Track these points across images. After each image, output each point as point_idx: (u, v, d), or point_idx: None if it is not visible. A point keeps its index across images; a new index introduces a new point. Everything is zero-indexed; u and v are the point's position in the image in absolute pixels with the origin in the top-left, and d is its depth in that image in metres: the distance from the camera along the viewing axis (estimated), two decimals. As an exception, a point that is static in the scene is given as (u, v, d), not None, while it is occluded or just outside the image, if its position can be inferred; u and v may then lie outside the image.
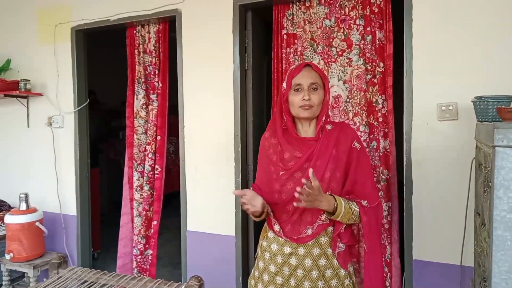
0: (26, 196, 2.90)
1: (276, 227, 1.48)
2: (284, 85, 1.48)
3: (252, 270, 1.62)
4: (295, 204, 1.36)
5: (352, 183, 1.45)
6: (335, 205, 1.37)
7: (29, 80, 3.16)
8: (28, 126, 3.31)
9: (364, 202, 1.43)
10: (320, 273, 1.43)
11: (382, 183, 2.27)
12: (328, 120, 1.55)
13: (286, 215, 1.48)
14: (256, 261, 1.60)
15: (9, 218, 2.82)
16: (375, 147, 2.29)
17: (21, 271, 2.92)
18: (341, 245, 1.47)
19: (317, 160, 1.41)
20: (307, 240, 1.43)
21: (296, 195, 1.28)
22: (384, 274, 2.30)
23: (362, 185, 1.45)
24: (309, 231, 1.44)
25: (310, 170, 1.28)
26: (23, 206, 2.87)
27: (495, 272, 1.18)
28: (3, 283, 2.91)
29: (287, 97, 1.47)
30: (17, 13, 3.36)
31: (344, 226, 1.48)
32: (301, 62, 1.51)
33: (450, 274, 2.00)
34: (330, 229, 1.47)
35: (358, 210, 1.42)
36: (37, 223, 2.85)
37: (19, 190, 3.09)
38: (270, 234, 1.52)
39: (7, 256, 2.79)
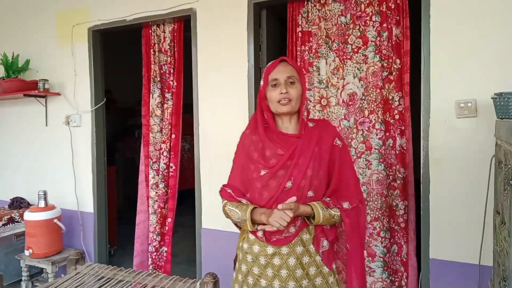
0: (45, 193, 2.96)
1: (260, 233, 1.44)
2: (262, 82, 1.47)
3: (234, 274, 1.56)
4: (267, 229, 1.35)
5: (337, 182, 1.44)
6: (313, 214, 1.38)
7: (48, 80, 3.22)
8: (46, 125, 3.38)
9: (345, 205, 1.41)
10: (304, 271, 1.40)
11: (398, 182, 2.25)
12: (309, 117, 1.54)
13: None
14: (237, 264, 1.56)
15: (28, 215, 2.88)
16: (391, 145, 2.26)
17: (40, 267, 2.98)
18: (325, 243, 1.45)
19: (300, 157, 1.40)
20: (291, 239, 1.41)
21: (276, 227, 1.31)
22: (400, 274, 2.27)
23: (345, 184, 1.45)
24: (292, 230, 1.41)
25: (293, 198, 1.33)
26: (42, 204, 2.93)
27: (516, 271, 1.16)
28: (23, 278, 2.98)
29: (265, 94, 1.46)
30: (35, 15, 3.42)
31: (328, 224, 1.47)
32: (276, 58, 1.49)
33: (468, 274, 1.97)
34: (311, 225, 1.45)
35: (338, 214, 1.40)
36: (55, 220, 2.90)
37: (38, 188, 3.15)
38: (251, 236, 1.48)
39: (27, 252, 2.85)
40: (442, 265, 2.04)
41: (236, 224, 1.54)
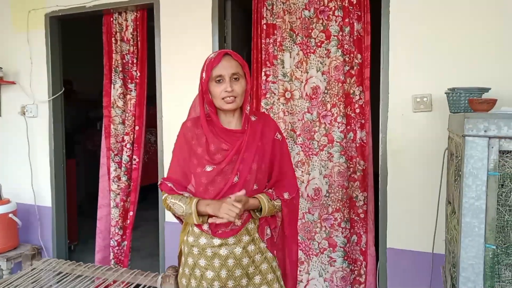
0: (-1, 187, 2.83)
1: (205, 226, 1.43)
2: (204, 75, 1.42)
3: (181, 269, 1.54)
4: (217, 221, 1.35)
5: (278, 174, 1.51)
6: (260, 207, 1.42)
7: (1, 68, 3.07)
8: (0, 115, 3.22)
9: (286, 195, 1.49)
10: (250, 259, 1.44)
11: (358, 174, 2.31)
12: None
13: None
14: (183, 258, 1.53)
15: (-20, 210, 2.74)
16: (351, 138, 2.32)
17: (-6, 264, 2.85)
18: (268, 231, 1.51)
19: (245, 152, 1.42)
20: (237, 231, 1.43)
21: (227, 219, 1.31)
22: (359, 263, 2.34)
23: (285, 176, 1.52)
24: (238, 223, 1.42)
25: (242, 191, 1.34)
26: (-5, 198, 2.80)
27: (463, 257, 1.22)
28: (-25, 276, 2.84)
29: (207, 88, 1.43)
30: (-13, -2, 3.23)
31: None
32: (219, 50, 1.45)
33: (423, 262, 2.06)
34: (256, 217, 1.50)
35: (280, 204, 1.47)
36: (10, 215, 2.78)
37: (-9, 181, 3.00)
38: (196, 229, 1.46)
39: (-21, 249, 2.72)
40: (399, 253, 2.13)
41: (177, 217, 1.54)
